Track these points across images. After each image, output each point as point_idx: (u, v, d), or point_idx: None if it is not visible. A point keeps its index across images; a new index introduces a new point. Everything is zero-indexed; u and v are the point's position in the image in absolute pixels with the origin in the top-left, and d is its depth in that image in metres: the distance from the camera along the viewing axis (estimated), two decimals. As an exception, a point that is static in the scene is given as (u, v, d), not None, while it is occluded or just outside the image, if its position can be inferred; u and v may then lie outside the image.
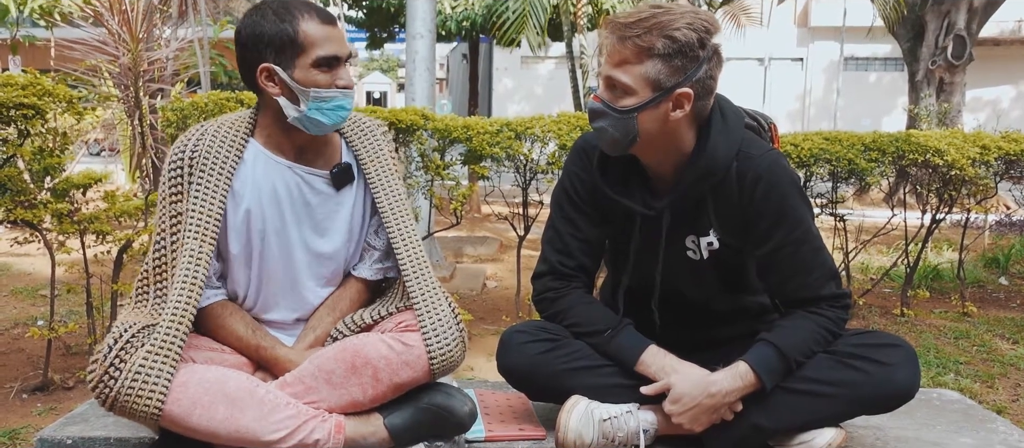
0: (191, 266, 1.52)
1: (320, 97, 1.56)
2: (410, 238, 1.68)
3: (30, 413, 2.66)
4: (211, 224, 1.55)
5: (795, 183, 1.63)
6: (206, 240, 1.54)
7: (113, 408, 1.43)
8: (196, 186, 1.56)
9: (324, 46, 1.55)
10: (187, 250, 1.53)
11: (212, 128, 1.62)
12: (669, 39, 1.50)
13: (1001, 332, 3.99)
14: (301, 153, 1.66)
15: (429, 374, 1.57)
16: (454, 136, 3.47)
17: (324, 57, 1.55)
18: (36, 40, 9.70)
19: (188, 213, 1.55)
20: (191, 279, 1.51)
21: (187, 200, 1.56)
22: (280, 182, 1.63)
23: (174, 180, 1.58)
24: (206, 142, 1.59)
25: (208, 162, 1.58)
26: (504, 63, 22.56)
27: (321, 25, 1.56)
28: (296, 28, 1.53)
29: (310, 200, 1.66)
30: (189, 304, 1.50)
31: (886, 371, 1.55)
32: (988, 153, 3.86)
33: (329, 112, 1.58)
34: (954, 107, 10.19)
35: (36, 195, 2.73)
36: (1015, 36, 20.54)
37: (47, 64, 5.94)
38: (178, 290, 1.50)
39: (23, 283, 4.72)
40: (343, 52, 1.59)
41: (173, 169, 1.59)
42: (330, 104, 1.57)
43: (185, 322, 1.48)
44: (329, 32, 1.56)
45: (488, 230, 7.36)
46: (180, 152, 1.59)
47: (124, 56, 5.01)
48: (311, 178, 1.66)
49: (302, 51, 1.54)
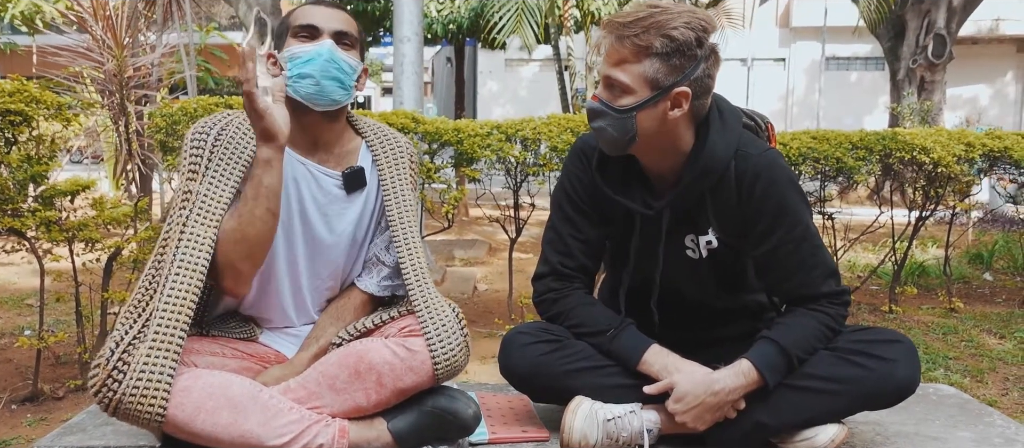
0: (193, 251, 1.49)
1: (293, 55, 1.58)
2: (415, 249, 1.67)
3: (20, 424, 2.62)
4: (218, 210, 1.53)
5: (793, 181, 1.64)
6: (211, 226, 1.51)
7: (116, 413, 1.40)
8: (213, 171, 1.55)
9: (303, 17, 1.61)
10: (191, 234, 1.49)
11: (238, 119, 1.63)
12: (667, 38, 1.50)
13: (988, 327, 4.04)
14: (315, 148, 1.66)
15: (433, 379, 1.57)
16: (445, 139, 3.47)
17: (300, 25, 1.60)
18: (17, 47, 9.59)
19: (198, 194, 1.53)
20: (191, 265, 1.48)
21: (201, 181, 1.54)
22: (290, 177, 1.63)
23: (194, 157, 1.57)
24: (231, 129, 1.60)
25: (229, 148, 1.58)
26: (488, 66, 22.55)
27: (311, 5, 1.63)
28: (289, 17, 1.64)
29: (318, 198, 1.66)
30: (189, 291, 1.46)
31: (887, 366, 1.56)
32: (973, 150, 3.91)
33: (305, 64, 1.57)
34: (936, 105, 10.31)
35: (21, 203, 2.69)
36: (992, 34, 20.81)
37: (29, 71, 5.85)
38: (178, 276, 1.46)
39: (7, 293, 4.66)
40: (327, 26, 1.61)
41: (194, 146, 1.58)
42: (305, 58, 1.57)
43: (184, 311, 1.45)
44: (317, 9, 1.62)
45: (477, 233, 7.35)
46: (205, 132, 1.59)
47: (109, 62, 4.96)
48: (322, 177, 1.66)
49: (288, 29, 1.63)
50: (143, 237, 3.00)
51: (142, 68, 5.20)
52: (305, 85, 1.58)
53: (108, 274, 2.94)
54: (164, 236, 1.55)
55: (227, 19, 16.55)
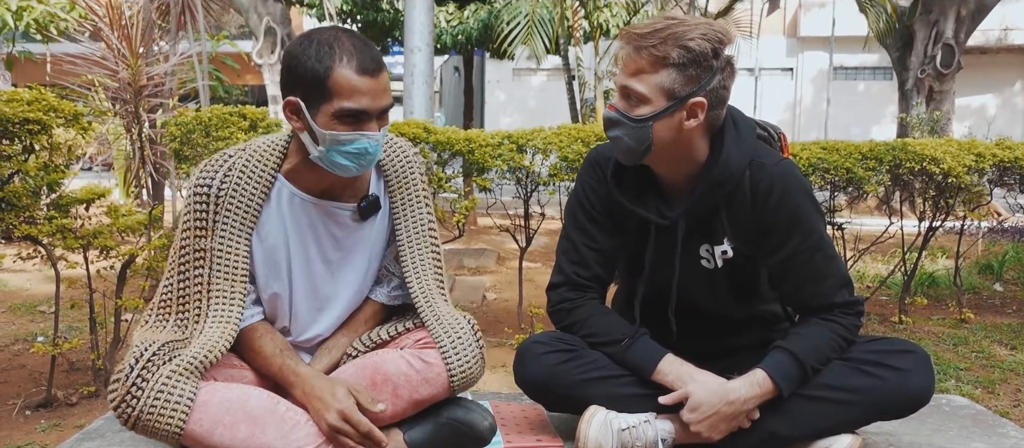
0: (225, 306, 1.53)
1: (338, 140, 1.47)
2: (421, 269, 1.67)
3: (34, 430, 2.64)
4: (240, 264, 1.55)
5: (808, 192, 1.65)
6: (237, 280, 1.55)
7: (135, 427, 1.42)
8: (222, 226, 1.55)
9: (353, 98, 1.44)
10: (218, 291, 1.53)
11: (241, 160, 1.57)
12: (684, 49, 1.52)
13: (999, 338, 4.02)
14: (328, 190, 1.62)
15: (449, 391, 1.58)
16: (456, 149, 3.49)
17: (349, 110, 1.45)
18: (32, 56, 9.67)
19: (214, 252, 1.54)
20: (225, 317, 1.53)
21: (212, 238, 1.55)
22: (304, 218, 1.61)
23: (199, 214, 1.55)
24: (233, 178, 1.55)
25: (234, 201, 1.55)
26: (496, 75, 22.61)
27: (357, 75, 1.44)
28: (329, 72, 1.44)
29: (335, 233, 1.64)
30: (221, 339, 1.50)
31: (901, 377, 1.57)
32: (983, 160, 3.90)
33: (351, 156, 1.49)
34: (944, 115, 10.28)
35: (36, 210, 2.72)
36: (1001, 44, 20.78)
37: (43, 79, 5.92)
38: (214, 327, 1.51)
39: (20, 299, 4.69)
40: (375, 107, 1.48)
41: (198, 202, 1.55)
42: (351, 147, 1.48)
43: (215, 354, 1.49)
44: (365, 84, 1.45)
45: (485, 242, 7.37)
46: (206, 186, 1.55)
47: (124, 71, 5.00)
48: (337, 212, 1.64)
49: (329, 98, 1.45)
50: (156, 245, 3.02)
51: (156, 77, 5.24)
52: (335, 165, 1.51)
53: (122, 281, 2.97)
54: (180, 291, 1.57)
55: (237, 28, 16.64)
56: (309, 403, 1.51)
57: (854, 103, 21.93)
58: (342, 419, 1.46)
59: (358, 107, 1.45)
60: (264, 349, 1.59)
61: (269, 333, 1.62)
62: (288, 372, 1.56)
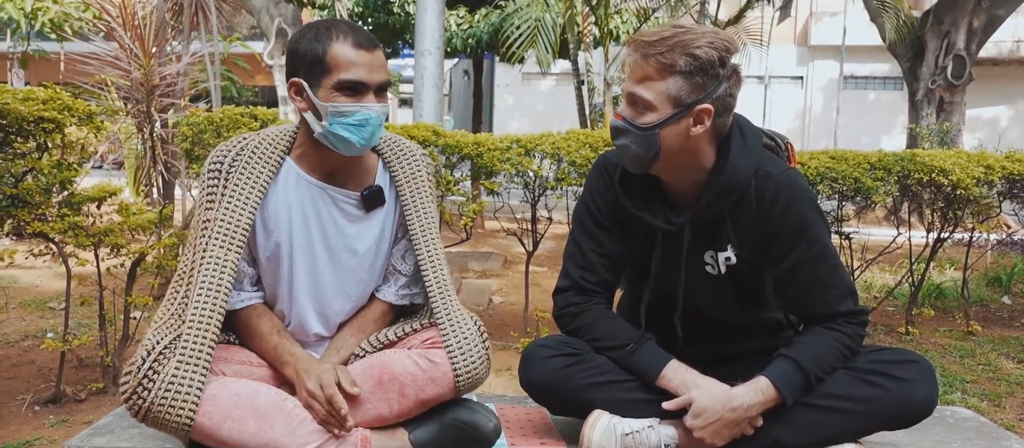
0: (216, 273, 1.53)
1: (339, 111, 1.54)
2: (438, 260, 1.70)
3: (43, 425, 2.67)
4: (238, 233, 1.57)
5: (813, 201, 1.67)
6: (232, 248, 1.56)
7: (146, 419, 1.45)
8: (228, 197, 1.58)
9: (350, 70, 1.54)
10: (212, 257, 1.54)
11: (253, 142, 1.64)
12: (691, 57, 1.54)
13: (1006, 351, 4.01)
14: (333, 174, 1.66)
15: (454, 391, 1.59)
16: (465, 152, 3.50)
17: (348, 81, 1.54)
18: (46, 54, 9.77)
19: (215, 221, 1.57)
20: (215, 285, 1.53)
21: (218, 209, 1.58)
22: (309, 202, 1.65)
23: (210, 186, 1.61)
24: (245, 155, 1.62)
25: (243, 175, 1.60)
26: (506, 80, 22.64)
27: (353, 49, 1.55)
28: (326, 48, 1.55)
29: (338, 221, 1.67)
30: (214, 310, 1.51)
31: (905, 387, 1.57)
32: (992, 172, 3.89)
33: (353, 128, 1.56)
34: (954, 126, 10.24)
35: (48, 208, 2.75)
36: (1013, 56, 20.68)
37: (56, 78, 5.99)
38: (202, 296, 1.51)
39: (31, 295, 4.73)
40: (372, 79, 1.57)
41: (210, 176, 1.61)
42: (352, 119, 1.55)
43: (210, 329, 1.49)
44: (361, 57, 1.55)
45: (492, 245, 7.38)
46: (219, 160, 1.62)
47: (136, 71, 5.05)
48: (341, 200, 1.67)
49: (328, 72, 1.55)
50: (167, 244, 3.05)
51: (168, 77, 5.29)
52: (339, 139, 1.58)
53: (132, 279, 2.99)
54: (187, 263, 1.60)
55: (248, 29, 16.78)
56: (297, 377, 1.56)
57: (864, 113, 21.86)
58: (318, 386, 1.52)
59: (355, 78, 1.55)
60: (260, 328, 1.62)
61: (266, 314, 1.66)
62: (283, 351, 1.60)
